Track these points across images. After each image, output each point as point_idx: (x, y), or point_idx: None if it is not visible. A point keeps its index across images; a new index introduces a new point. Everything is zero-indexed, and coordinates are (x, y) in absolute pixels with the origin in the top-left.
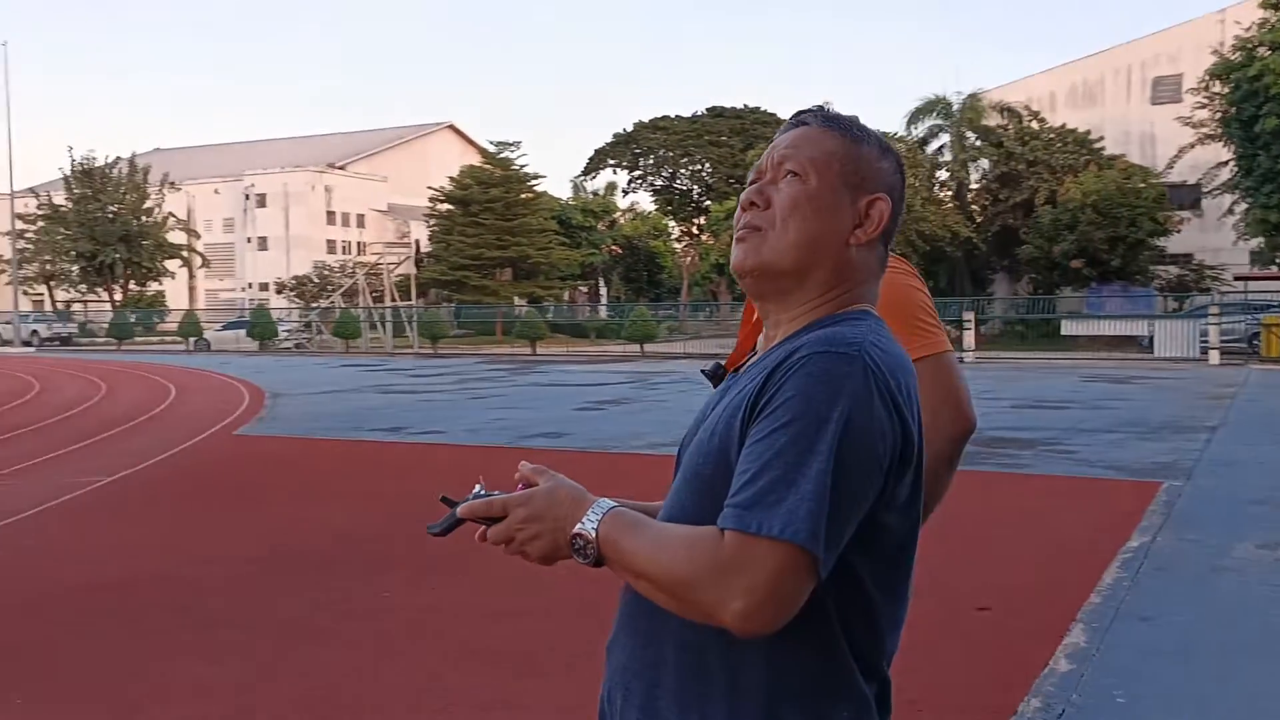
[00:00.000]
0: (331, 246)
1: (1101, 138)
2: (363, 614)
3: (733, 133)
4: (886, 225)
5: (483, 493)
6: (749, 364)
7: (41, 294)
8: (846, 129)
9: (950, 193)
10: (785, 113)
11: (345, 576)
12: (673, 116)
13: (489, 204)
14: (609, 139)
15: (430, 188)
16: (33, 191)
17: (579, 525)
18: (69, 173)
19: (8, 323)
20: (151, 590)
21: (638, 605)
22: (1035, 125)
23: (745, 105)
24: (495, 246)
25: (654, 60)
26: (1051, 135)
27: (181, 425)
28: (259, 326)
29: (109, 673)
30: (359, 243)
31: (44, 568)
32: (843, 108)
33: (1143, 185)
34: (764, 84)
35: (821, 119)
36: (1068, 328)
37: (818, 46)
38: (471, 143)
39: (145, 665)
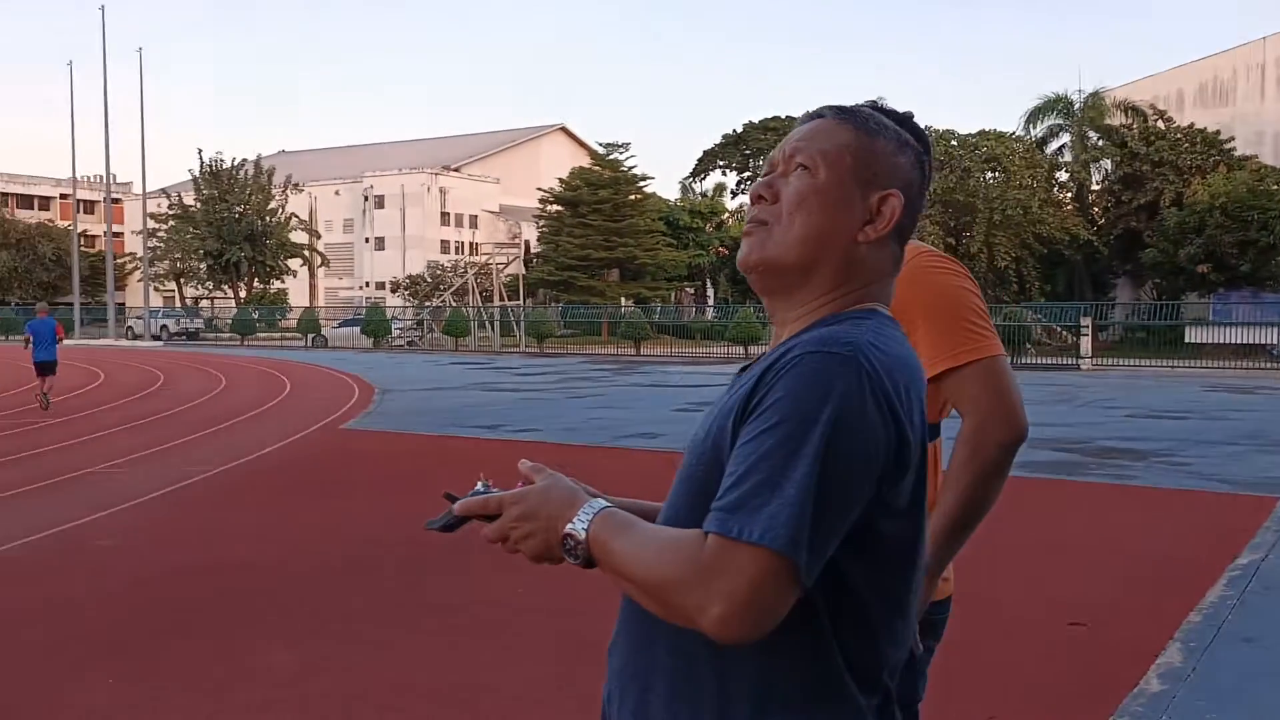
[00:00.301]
0: (445, 247)
1: (1232, 138)
2: (443, 607)
3: None
4: (900, 222)
5: (481, 490)
6: (753, 364)
7: (172, 290)
8: (862, 122)
9: (1070, 194)
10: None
11: (430, 570)
12: (783, 117)
13: (597, 205)
14: (718, 140)
15: (539, 189)
16: (164, 192)
17: (569, 525)
18: (198, 174)
19: (139, 318)
20: (245, 576)
21: (633, 608)
22: (1161, 125)
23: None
24: (603, 247)
25: (765, 60)
26: (1178, 135)
27: (293, 418)
28: (373, 324)
29: (198, 654)
30: (471, 243)
31: (148, 551)
32: (958, 106)
33: (1276, 187)
34: (878, 82)
35: (836, 111)
36: (1192, 335)
37: (932, 43)
38: (582, 144)
39: (232, 648)
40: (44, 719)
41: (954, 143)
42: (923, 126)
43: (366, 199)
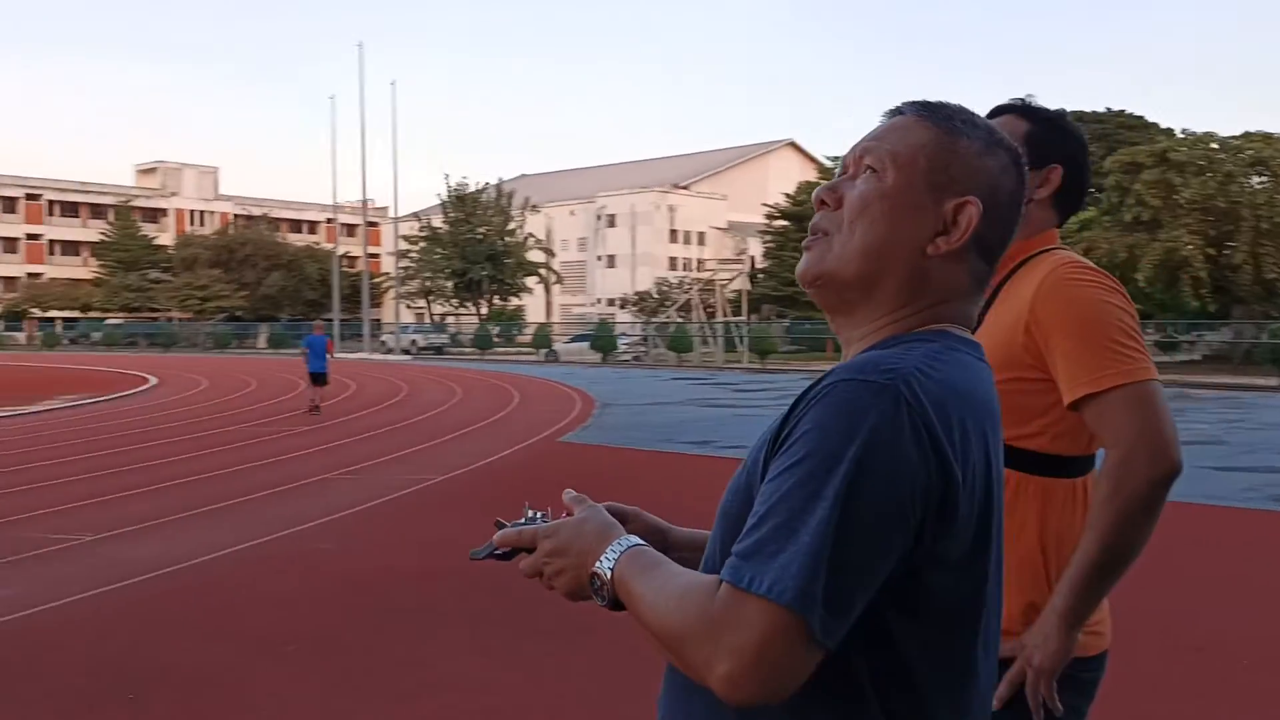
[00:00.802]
0: (673, 263)
1: None
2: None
3: (1094, 139)
4: (979, 233)
5: (525, 519)
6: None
7: (422, 307)
8: (944, 119)
9: None
10: (1155, 115)
11: None
12: None
13: None
14: None
15: (766, 204)
16: (416, 215)
17: (596, 564)
18: (445, 198)
19: (391, 333)
20: (444, 585)
21: None
22: None
23: (1108, 109)
24: None
25: (1002, 64)
26: None
27: (516, 430)
28: (601, 339)
29: (391, 660)
30: (698, 259)
31: (362, 556)
32: (1217, 106)
33: None
34: (1131, 84)
35: (917, 108)
36: None
37: (1193, 42)
38: (810, 158)
39: (424, 655)
40: (240, 711)
41: (1214, 145)
42: (1179, 130)
43: (599, 218)
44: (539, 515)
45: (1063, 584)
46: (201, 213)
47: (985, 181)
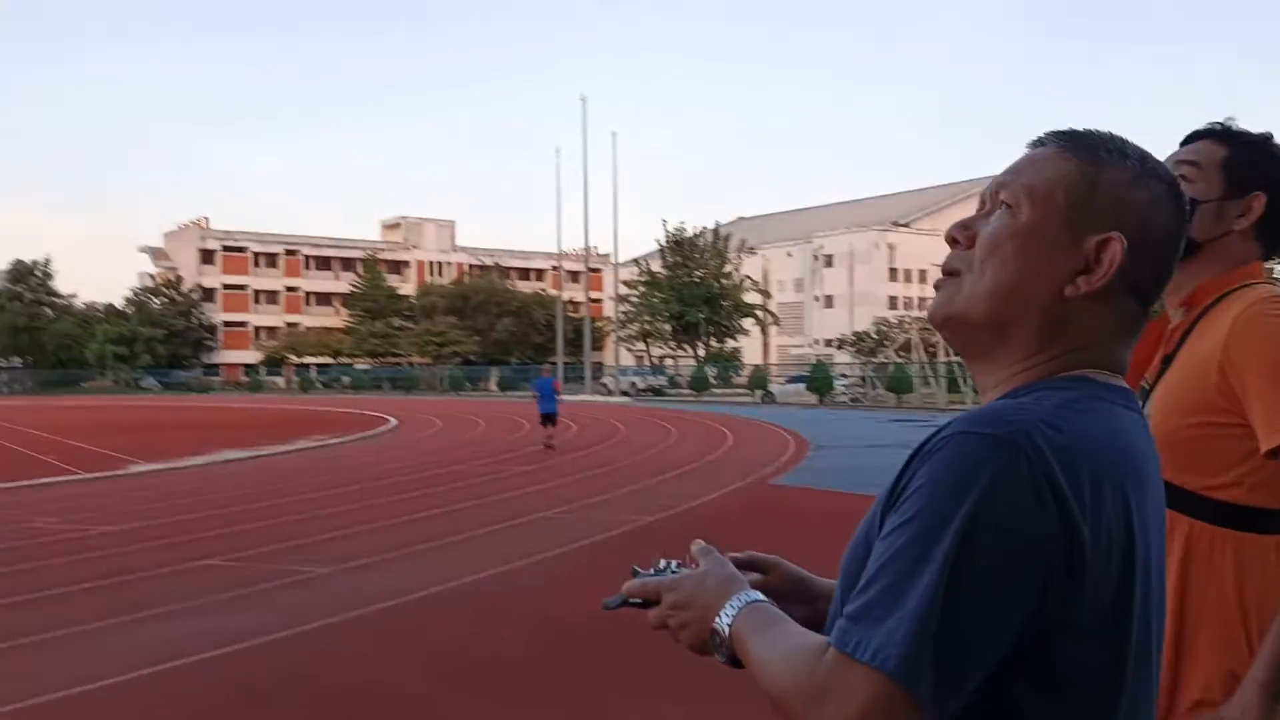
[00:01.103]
0: (893, 302)
1: None
2: None
3: None
4: (1126, 270)
5: (654, 570)
6: None
7: (642, 350)
8: (1087, 149)
9: None
10: None
11: None
12: None
13: None
14: None
15: None
16: (635, 261)
17: (716, 619)
18: (663, 243)
19: (612, 375)
20: (643, 628)
21: None
22: None
23: None
24: None
25: (1231, 84)
26: None
27: (727, 471)
28: (817, 380)
29: (587, 703)
30: (920, 298)
31: (566, 596)
32: None
33: None
34: None
35: (1059, 138)
36: None
37: None
38: None
39: (618, 699)
40: None
41: None
42: None
43: (816, 258)
44: (671, 565)
45: (1263, 652)
46: (439, 264)
47: (1134, 215)
